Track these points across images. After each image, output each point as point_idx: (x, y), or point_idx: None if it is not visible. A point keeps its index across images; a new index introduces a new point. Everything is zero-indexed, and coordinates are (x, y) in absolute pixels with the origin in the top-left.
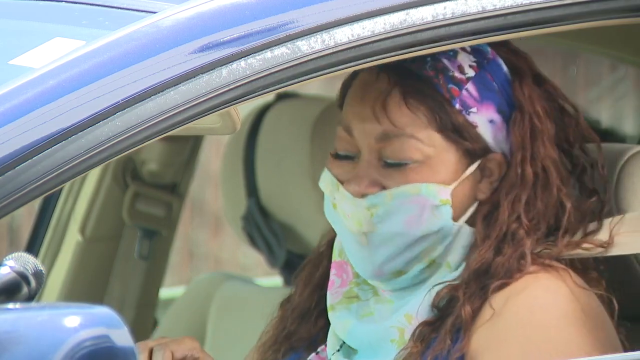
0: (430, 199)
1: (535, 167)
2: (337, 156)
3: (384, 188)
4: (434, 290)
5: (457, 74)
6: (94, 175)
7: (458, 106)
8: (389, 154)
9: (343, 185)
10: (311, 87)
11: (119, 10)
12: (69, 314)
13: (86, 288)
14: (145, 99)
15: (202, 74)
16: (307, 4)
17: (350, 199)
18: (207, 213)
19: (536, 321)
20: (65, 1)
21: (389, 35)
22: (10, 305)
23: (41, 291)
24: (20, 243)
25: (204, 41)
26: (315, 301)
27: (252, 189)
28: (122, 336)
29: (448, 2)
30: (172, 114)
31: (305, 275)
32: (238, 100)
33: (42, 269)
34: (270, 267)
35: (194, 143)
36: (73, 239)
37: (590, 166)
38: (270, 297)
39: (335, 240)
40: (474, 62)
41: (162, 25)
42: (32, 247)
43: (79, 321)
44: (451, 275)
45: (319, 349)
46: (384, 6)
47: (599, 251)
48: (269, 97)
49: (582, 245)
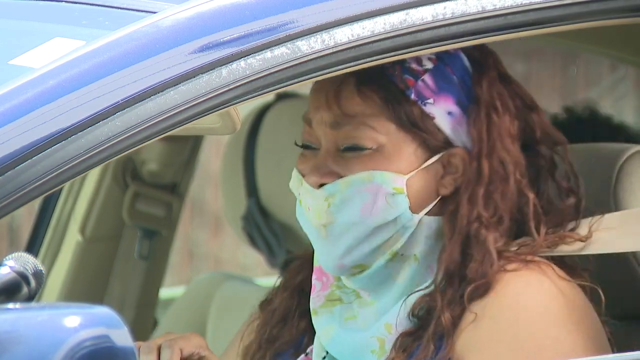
0: (383, 186)
1: (492, 161)
2: (302, 147)
3: (340, 177)
4: (410, 299)
5: (414, 65)
6: (94, 175)
7: (413, 96)
8: (342, 140)
9: (304, 178)
10: (311, 87)
11: (119, 10)
12: (69, 314)
13: (86, 288)
14: (145, 99)
15: (202, 74)
16: (307, 4)
17: (310, 191)
18: (207, 213)
19: (520, 318)
20: (65, 1)
21: (388, 35)
22: (10, 305)
23: (41, 291)
24: (20, 243)
25: (203, 41)
26: (296, 303)
27: (252, 189)
28: (122, 336)
29: (448, 2)
30: (172, 114)
31: (285, 279)
32: (238, 100)
33: (42, 269)
34: (270, 267)
35: (194, 143)
36: (73, 239)
37: (570, 166)
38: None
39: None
40: (432, 54)
41: (162, 25)
42: (32, 247)
43: (79, 321)
44: (423, 277)
45: (307, 350)
46: (384, 6)
47: (578, 247)
48: (269, 97)
49: (562, 239)
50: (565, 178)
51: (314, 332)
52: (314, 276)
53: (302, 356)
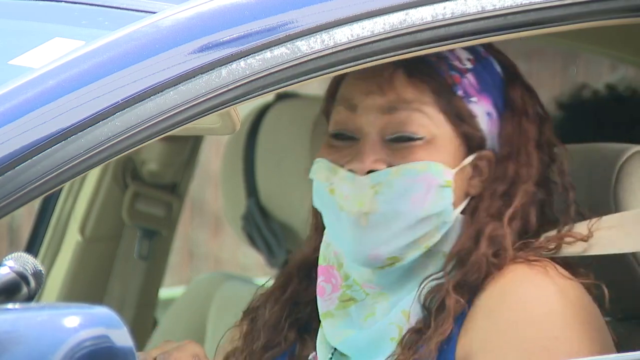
0: (436, 177)
1: (517, 164)
2: (336, 137)
3: (389, 166)
4: (423, 285)
5: (457, 63)
6: (93, 175)
7: (460, 93)
8: (394, 127)
9: (344, 167)
10: (311, 87)
11: (119, 10)
12: (68, 314)
13: (86, 288)
14: (145, 99)
15: (201, 74)
16: (306, 4)
17: (351, 179)
18: (207, 213)
19: (526, 319)
20: (65, 1)
21: (388, 35)
22: (10, 306)
23: (41, 291)
24: (20, 243)
25: (203, 41)
26: (286, 315)
27: (252, 189)
28: (121, 336)
29: (448, 2)
30: (171, 114)
31: (276, 290)
32: (238, 101)
33: (41, 269)
34: (270, 267)
35: (194, 143)
36: (73, 238)
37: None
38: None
39: (311, 267)
40: (470, 56)
41: (162, 25)
42: (32, 247)
43: (78, 321)
44: (441, 263)
45: (310, 356)
46: (384, 6)
47: (580, 247)
48: (269, 97)
49: (563, 238)
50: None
51: (304, 340)
52: (320, 278)
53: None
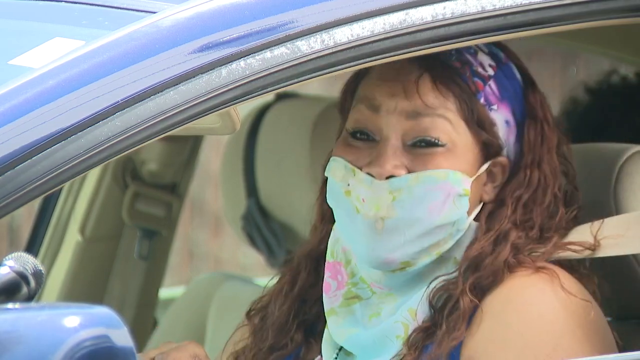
0: (455, 186)
1: (540, 172)
2: (354, 136)
3: (409, 172)
4: (433, 284)
5: (480, 70)
6: (94, 175)
7: (482, 100)
8: (417, 132)
9: (362, 169)
10: (311, 87)
11: (119, 10)
12: (68, 314)
13: (86, 288)
14: (145, 99)
15: (201, 74)
16: (306, 4)
17: (369, 182)
18: (207, 213)
19: (534, 326)
20: (65, 1)
21: (388, 35)
22: (10, 305)
23: (41, 291)
24: (20, 243)
25: (203, 41)
26: (294, 314)
27: (252, 189)
28: (122, 336)
29: (448, 2)
30: (171, 114)
31: (285, 287)
32: (238, 100)
33: (41, 269)
34: (270, 267)
35: (194, 143)
36: (73, 239)
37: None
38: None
39: (319, 257)
40: (492, 62)
41: (162, 25)
42: (32, 247)
43: (78, 321)
44: (453, 267)
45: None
46: (384, 6)
47: (587, 253)
48: (269, 97)
49: (570, 247)
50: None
51: (309, 344)
52: (327, 274)
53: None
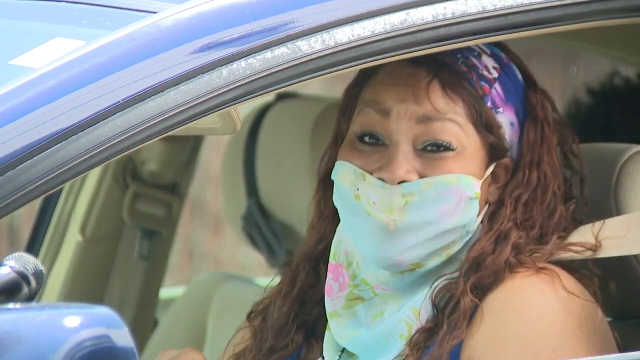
0: (467, 190)
1: (539, 171)
2: (362, 140)
3: (420, 176)
4: (436, 283)
5: (485, 73)
6: (94, 175)
7: (489, 104)
8: (428, 136)
9: (372, 174)
10: (311, 87)
11: (119, 10)
12: (69, 314)
13: (86, 288)
14: (145, 99)
15: (202, 74)
16: (307, 4)
17: (380, 187)
18: (207, 213)
19: (533, 327)
20: (65, 1)
21: (389, 35)
22: (11, 305)
23: (41, 291)
24: (20, 243)
25: (204, 41)
26: (293, 315)
27: (252, 189)
28: (122, 336)
29: (448, 2)
30: (172, 114)
31: (284, 288)
32: (238, 100)
33: (42, 269)
34: (270, 267)
35: (194, 143)
36: (73, 239)
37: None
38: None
39: (318, 256)
40: (495, 64)
41: (162, 25)
42: (32, 247)
43: (79, 321)
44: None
45: None
46: (384, 6)
47: (588, 254)
48: (269, 97)
49: (572, 247)
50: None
51: (310, 345)
52: (329, 276)
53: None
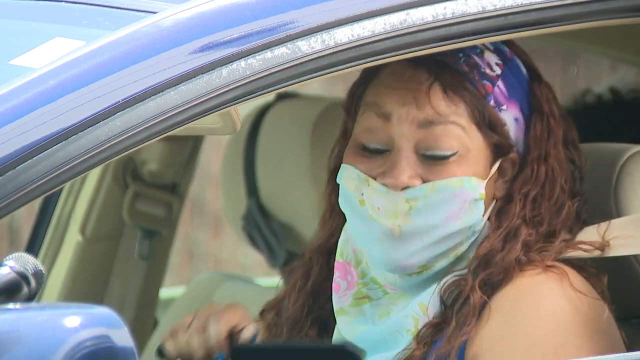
0: (471, 192)
1: (547, 166)
2: (365, 149)
3: (424, 182)
4: (444, 280)
5: (488, 71)
6: (94, 175)
7: (492, 102)
8: (430, 143)
9: (376, 179)
10: (311, 87)
11: (119, 10)
12: (69, 314)
13: (86, 288)
14: (145, 99)
15: (202, 74)
16: (307, 4)
17: (384, 193)
18: (207, 213)
19: (541, 325)
20: (65, 1)
21: (389, 35)
22: (10, 305)
23: (41, 291)
24: (20, 243)
25: (204, 41)
26: (307, 310)
27: (252, 189)
28: (122, 336)
29: (448, 2)
30: (172, 114)
31: (298, 282)
32: (238, 101)
33: (42, 269)
34: (270, 267)
35: (194, 143)
36: (73, 239)
37: (580, 170)
38: (270, 297)
39: (330, 250)
40: (499, 60)
41: (162, 25)
42: (32, 247)
43: (79, 321)
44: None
45: None
46: (384, 6)
47: (596, 253)
48: (269, 97)
49: (581, 246)
50: (572, 180)
51: (323, 339)
52: (336, 274)
53: None
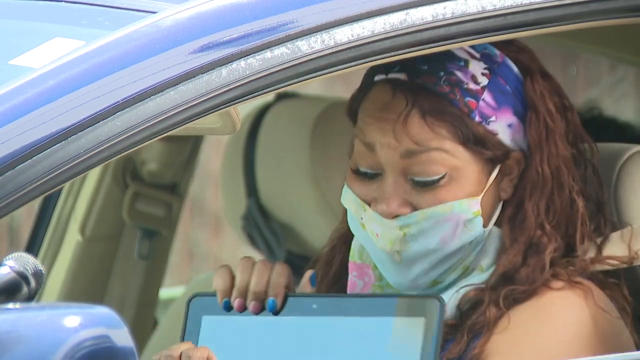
0: (463, 214)
1: (551, 167)
2: (359, 173)
3: (414, 208)
4: (462, 291)
5: (472, 86)
6: (94, 175)
7: (477, 118)
8: (416, 171)
9: (370, 206)
10: (311, 87)
11: (119, 10)
12: (69, 314)
13: (86, 288)
14: (145, 99)
15: (201, 74)
16: (307, 4)
17: (379, 220)
18: (207, 213)
19: (555, 335)
20: (65, 1)
21: (388, 35)
22: (10, 305)
23: (41, 291)
24: (20, 243)
25: (203, 41)
26: None
27: (252, 189)
28: (122, 336)
29: (448, 2)
30: (172, 114)
31: (320, 273)
32: (238, 100)
33: (42, 269)
34: None
35: (194, 143)
36: (73, 238)
37: (585, 166)
38: None
39: (352, 239)
40: (485, 69)
41: (162, 25)
42: (32, 247)
43: (79, 321)
44: (480, 277)
45: None
46: (384, 6)
47: (623, 265)
48: (269, 97)
49: (609, 261)
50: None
51: None
52: (353, 273)
53: None
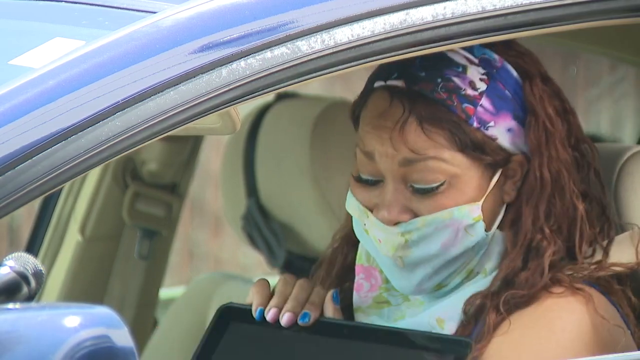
0: (463, 220)
1: (551, 171)
2: (360, 180)
3: (415, 214)
4: (466, 301)
5: (469, 92)
6: (94, 175)
7: (475, 124)
8: (415, 178)
9: (372, 212)
10: (311, 87)
11: (119, 10)
12: (69, 314)
13: (86, 288)
14: (145, 99)
15: (202, 74)
16: (307, 4)
17: (381, 227)
18: (207, 213)
19: (555, 340)
20: (65, 1)
21: (388, 35)
22: (10, 305)
23: (41, 291)
24: (20, 243)
25: (204, 41)
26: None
27: (252, 189)
28: (122, 336)
29: (448, 2)
30: (172, 114)
31: (323, 274)
32: (238, 100)
33: (42, 269)
34: (270, 267)
35: (194, 143)
36: (73, 238)
37: (588, 168)
38: None
39: (356, 241)
40: (483, 74)
41: (162, 25)
42: (32, 247)
43: (79, 321)
44: (485, 280)
45: None
46: (384, 6)
47: (629, 271)
48: (269, 97)
49: (612, 268)
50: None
51: None
52: (360, 275)
53: None
